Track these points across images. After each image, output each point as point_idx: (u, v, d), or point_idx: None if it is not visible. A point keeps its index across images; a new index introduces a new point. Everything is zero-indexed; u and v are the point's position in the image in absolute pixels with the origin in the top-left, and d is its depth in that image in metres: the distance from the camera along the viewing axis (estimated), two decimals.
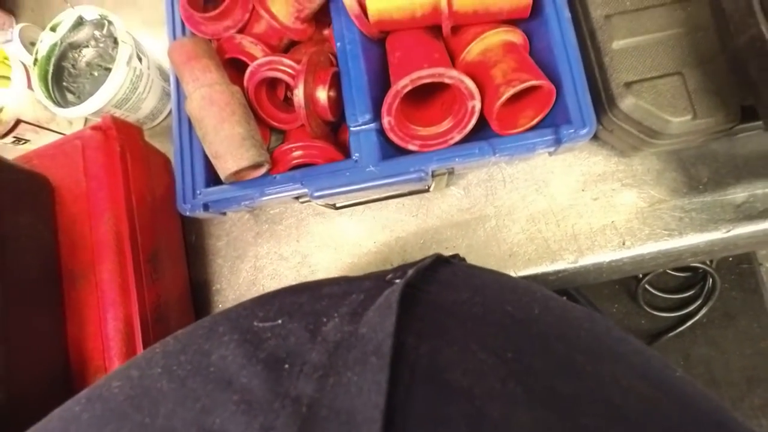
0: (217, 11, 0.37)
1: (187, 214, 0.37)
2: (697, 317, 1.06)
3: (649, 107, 0.33)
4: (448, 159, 0.31)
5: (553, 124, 0.31)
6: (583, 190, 0.40)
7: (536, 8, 0.32)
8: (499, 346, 0.16)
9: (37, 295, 0.35)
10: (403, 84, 0.29)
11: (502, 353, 0.16)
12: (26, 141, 0.53)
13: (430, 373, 0.15)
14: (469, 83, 0.29)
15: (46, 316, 0.35)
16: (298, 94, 0.33)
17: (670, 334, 1.07)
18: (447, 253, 0.31)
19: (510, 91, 0.28)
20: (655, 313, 1.09)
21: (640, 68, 0.34)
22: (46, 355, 0.34)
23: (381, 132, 0.32)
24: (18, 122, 0.50)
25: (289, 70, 0.35)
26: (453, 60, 0.34)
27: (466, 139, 0.32)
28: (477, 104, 0.30)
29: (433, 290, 0.21)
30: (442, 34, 0.36)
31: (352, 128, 0.33)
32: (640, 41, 0.34)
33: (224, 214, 0.38)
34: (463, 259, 0.38)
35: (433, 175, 0.31)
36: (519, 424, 0.13)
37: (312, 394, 0.14)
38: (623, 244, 0.39)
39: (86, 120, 0.55)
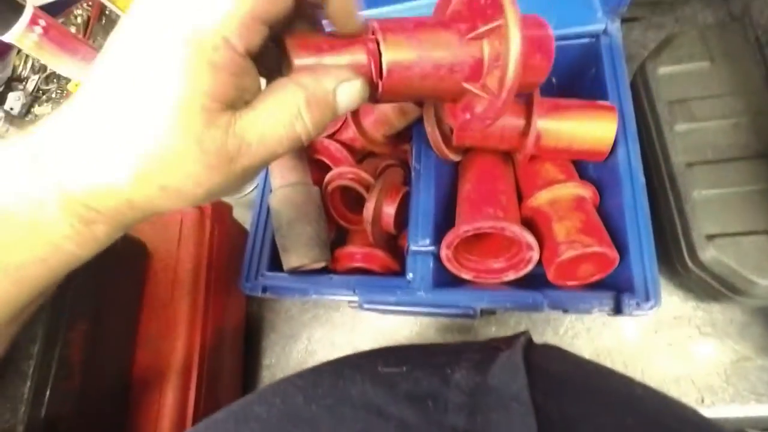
0: None
1: (247, 293, 0.40)
2: None
3: (733, 265, 0.31)
4: (499, 302, 0.31)
5: (615, 286, 0.30)
6: (656, 332, 0.38)
7: (611, 166, 0.33)
8: (616, 412, 0.18)
9: (113, 356, 0.38)
10: (464, 229, 0.30)
11: (620, 420, 0.17)
12: None
13: (563, 426, 0.17)
14: (530, 238, 0.30)
15: (117, 378, 0.38)
16: (368, 210, 0.35)
17: None
18: None
19: (570, 254, 0.29)
20: None
21: (723, 221, 0.33)
22: (111, 411, 0.36)
23: (438, 256, 0.34)
24: None
25: (365, 182, 0.38)
26: (521, 195, 0.36)
27: (521, 278, 0.33)
28: (535, 255, 0.31)
29: (537, 359, 0.23)
30: (515, 163, 0.38)
31: (411, 247, 0.34)
32: (723, 193, 0.34)
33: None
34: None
35: (481, 312, 0.32)
36: None
37: (465, 426, 0.16)
38: (702, 401, 0.35)
39: None
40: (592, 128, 0.32)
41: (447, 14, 0.24)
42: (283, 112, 0.16)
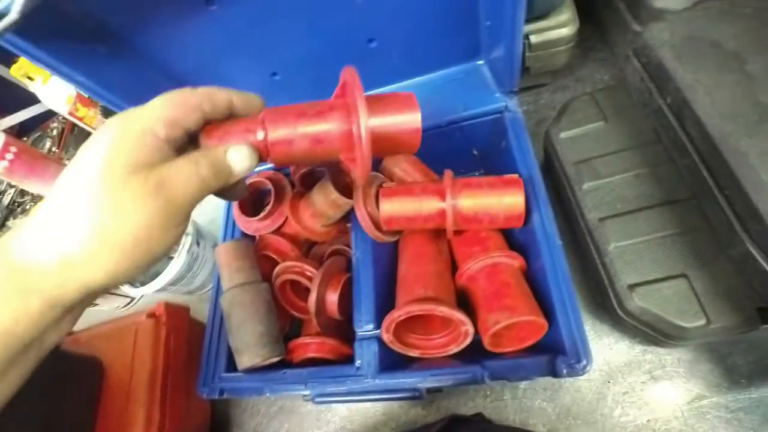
0: (261, 216, 0.45)
1: (204, 397, 0.40)
2: None
3: (658, 312, 0.33)
4: (441, 380, 0.32)
5: (550, 348, 0.31)
6: (609, 382, 0.38)
7: (530, 231, 0.35)
8: None
9: None
10: (398, 314, 0.32)
11: None
12: (96, 304, 0.61)
13: None
14: (459, 316, 0.31)
15: None
16: (311, 301, 0.37)
17: None
18: None
19: (498, 327, 0.30)
20: None
21: (642, 270, 0.35)
22: None
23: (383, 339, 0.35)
24: None
25: (308, 274, 0.40)
26: (456, 266, 0.38)
27: (464, 351, 0.34)
28: (470, 329, 0.32)
29: None
30: (447, 237, 0.40)
31: (357, 333, 0.35)
32: (637, 243, 0.36)
33: None
34: (487, 419, 0.37)
35: (428, 391, 0.32)
36: None
37: None
38: None
39: None
40: (503, 201, 0.35)
41: (333, 98, 0.28)
42: (188, 161, 0.22)
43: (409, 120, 0.27)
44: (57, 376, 0.38)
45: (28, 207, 0.91)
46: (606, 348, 0.39)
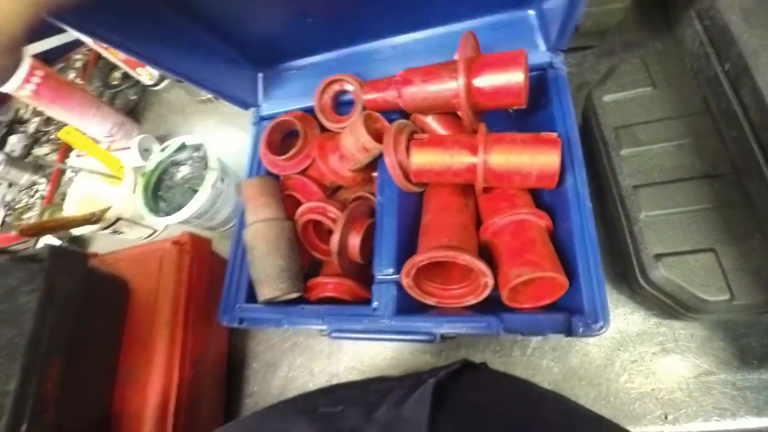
0: (287, 156, 0.45)
1: (224, 324, 0.41)
2: None
3: (681, 283, 0.33)
4: (457, 327, 0.32)
5: (568, 308, 0.31)
6: (619, 349, 0.39)
7: (561, 193, 0.34)
8: None
9: (90, 391, 0.39)
10: (420, 259, 0.32)
11: None
12: (121, 233, 0.63)
13: None
14: (481, 266, 0.31)
15: (94, 411, 0.39)
16: (333, 242, 0.37)
17: None
18: None
19: (519, 280, 0.30)
20: None
21: (671, 241, 0.34)
22: None
23: (401, 285, 0.35)
24: (118, 219, 0.60)
25: (332, 215, 0.40)
26: (482, 221, 0.37)
27: (482, 302, 0.34)
28: (490, 281, 0.32)
29: (461, 389, 0.27)
30: (474, 193, 0.40)
31: (376, 276, 0.36)
32: (669, 214, 0.35)
33: None
34: (490, 369, 0.39)
35: (442, 337, 0.33)
36: None
37: None
38: (665, 417, 0.36)
39: None
40: (537, 160, 0.34)
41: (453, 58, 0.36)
42: None
43: (511, 78, 0.32)
44: (87, 291, 0.40)
45: (53, 136, 0.92)
46: (621, 317, 0.40)
